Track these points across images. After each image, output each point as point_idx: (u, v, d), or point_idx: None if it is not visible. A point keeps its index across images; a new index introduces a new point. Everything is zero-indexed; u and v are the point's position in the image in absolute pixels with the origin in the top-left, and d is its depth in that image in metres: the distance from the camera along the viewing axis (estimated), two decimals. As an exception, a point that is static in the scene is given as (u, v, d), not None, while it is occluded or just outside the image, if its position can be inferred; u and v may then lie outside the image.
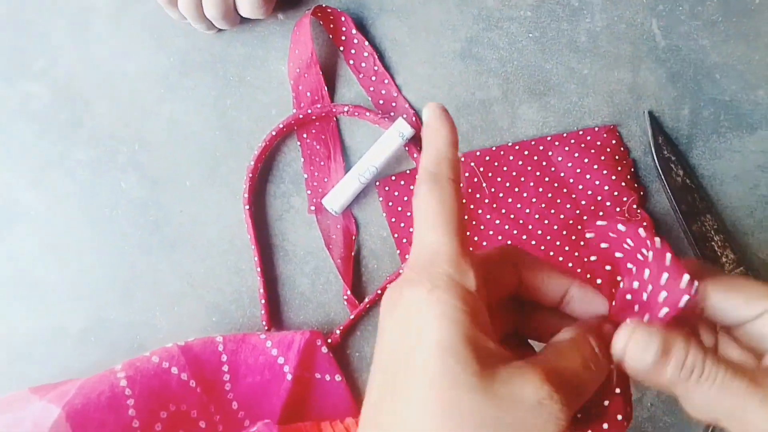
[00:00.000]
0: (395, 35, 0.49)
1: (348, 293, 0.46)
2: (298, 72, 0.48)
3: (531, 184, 0.47)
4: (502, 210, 0.47)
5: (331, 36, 0.49)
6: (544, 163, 0.47)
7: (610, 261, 0.28)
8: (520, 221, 0.47)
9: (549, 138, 0.48)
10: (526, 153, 0.48)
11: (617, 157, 0.47)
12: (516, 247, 0.29)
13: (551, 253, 0.46)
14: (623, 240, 0.27)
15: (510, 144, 0.48)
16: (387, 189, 0.47)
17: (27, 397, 0.41)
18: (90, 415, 0.38)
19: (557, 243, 0.46)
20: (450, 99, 0.48)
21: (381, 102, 0.48)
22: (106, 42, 0.49)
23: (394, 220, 0.47)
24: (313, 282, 0.47)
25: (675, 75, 0.48)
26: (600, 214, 0.46)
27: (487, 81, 0.49)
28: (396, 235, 0.47)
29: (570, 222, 0.47)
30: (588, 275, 0.29)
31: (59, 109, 0.48)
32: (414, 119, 0.48)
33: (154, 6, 0.47)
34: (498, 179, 0.47)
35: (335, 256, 0.47)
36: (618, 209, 0.46)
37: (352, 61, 0.49)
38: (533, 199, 0.47)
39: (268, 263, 0.47)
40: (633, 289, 0.27)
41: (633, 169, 0.47)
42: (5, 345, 0.46)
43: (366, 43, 0.48)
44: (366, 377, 0.46)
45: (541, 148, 0.48)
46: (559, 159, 0.47)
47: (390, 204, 0.47)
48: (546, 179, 0.47)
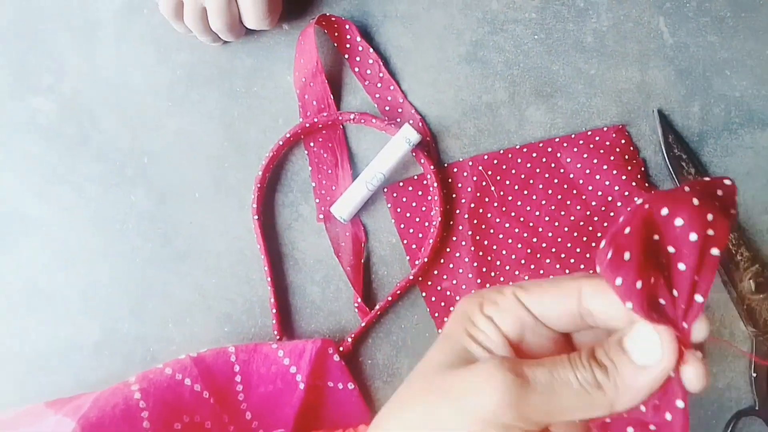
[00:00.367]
0: (400, 41, 0.49)
1: (358, 301, 0.46)
2: (303, 81, 0.48)
3: (540, 186, 0.47)
4: (511, 213, 0.47)
5: (336, 44, 0.49)
6: (552, 165, 0.47)
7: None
8: (530, 224, 0.47)
9: (557, 139, 0.47)
10: (534, 155, 0.47)
11: (627, 157, 0.47)
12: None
13: (562, 256, 0.46)
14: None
15: (518, 146, 0.47)
16: (395, 195, 0.47)
17: (42, 412, 0.41)
18: (105, 428, 0.38)
19: (568, 245, 0.46)
20: (456, 103, 0.48)
21: (387, 108, 0.48)
22: (112, 56, 0.49)
23: (402, 226, 0.47)
24: (324, 290, 0.47)
25: (684, 72, 0.48)
26: (611, 215, 0.46)
27: (494, 84, 0.48)
28: (405, 242, 0.47)
29: (580, 224, 0.46)
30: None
31: (66, 124, 0.49)
32: (420, 125, 0.48)
33: (159, 20, 0.48)
34: (507, 182, 0.47)
35: (345, 263, 0.47)
36: (629, 209, 0.46)
37: (357, 69, 0.48)
38: (543, 202, 0.47)
39: (278, 272, 0.47)
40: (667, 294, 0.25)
41: (643, 169, 0.47)
42: (20, 358, 0.47)
43: (371, 50, 0.48)
44: (378, 384, 0.46)
45: (550, 149, 0.47)
46: (568, 160, 0.47)
47: (398, 210, 0.47)
48: (555, 181, 0.47)
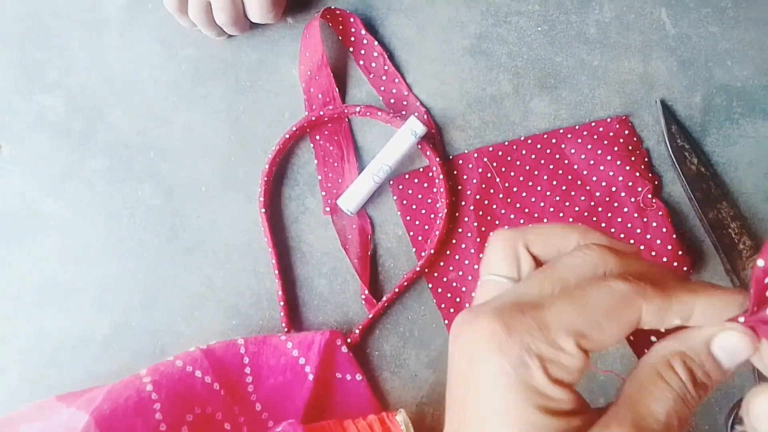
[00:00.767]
0: (404, 34, 0.49)
1: (366, 293, 0.46)
2: (309, 74, 0.48)
3: (545, 177, 0.47)
4: (516, 205, 0.47)
5: (341, 37, 0.49)
6: (557, 156, 0.47)
7: None
8: (534, 215, 0.47)
9: (561, 131, 0.48)
10: (538, 147, 0.48)
11: (630, 148, 0.47)
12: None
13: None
14: None
15: (522, 138, 0.48)
16: (401, 187, 0.48)
17: (54, 406, 0.41)
18: (118, 420, 0.39)
19: (573, 235, 0.46)
20: (461, 95, 0.48)
21: (392, 101, 0.49)
22: (118, 52, 0.50)
23: (409, 218, 0.47)
24: (331, 282, 0.47)
25: (686, 63, 0.48)
26: (615, 205, 0.46)
27: (498, 76, 0.49)
28: (411, 233, 0.47)
29: (585, 214, 0.47)
30: None
31: (74, 120, 0.49)
32: (425, 117, 0.48)
33: (164, 15, 0.48)
34: (511, 174, 0.47)
35: (352, 256, 0.47)
36: (633, 200, 0.46)
37: (362, 62, 0.49)
38: (547, 193, 0.47)
39: (285, 265, 0.47)
40: None
41: (647, 159, 0.47)
42: (33, 352, 0.47)
43: (375, 43, 0.48)
44: (386, 375, 0.46)
45: (554, 141, 0.48)
46: (572, 151, 0.47)
47: (404, 202, 0.48)
48: (559, 172, 0.47)
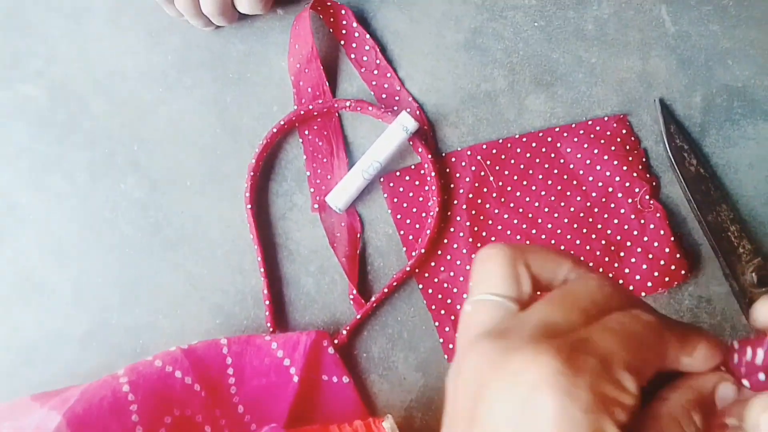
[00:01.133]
0: (397, 27, 0.48)
1: (354, 292, 0.45)
2: (298, 67, 0.47)
3: (540, 176, 0.46)
4: (510, 204, 0.46)
5: (332, 30, 0.48)
6: (552, 155, 0.46)
7: None
8: (529, 215, 0.46)
9: (557, 129, 0.46)
10: (533, 145, 0.46)
11: (628, 147, 0.46)
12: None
13: (562, 248, 0.45)
14: None
15: (517, 136, 0.47)
16: (391, 185, 0.46)
17: (28, 405, 0.40)
18: (92, 422, 0.37)
19: (568, 236, 0.45)
20: (455, 91, 0.47)
21: (384, 96, 0.47)
22: (102, 41, 0.48)
23: (399, 216, 0.46)
24: (318, 281, 0.46)
25: (686, 62, 0.47)
26: (611, 206, 0.45)
27: (493, 72, 0.47)
28: (402, 232, 0.46)
29: (581, 215, 0.45)
30: None
31: (56, 110, 0.48)
32: (418, 113, 0.47)
33: (150, 4, 0.47)
34: (506, 172, 0.46)
35: (340, 254, 0.46)
36: (630, 200, 0.45)
37: (353, 55, 0.47)
38: (542, 192, 0.46)
39: (271, 263, 0.46)
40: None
41: (645, 159, 0.46)
42: (8, 349, 0.45)
43: (367, 36, 0.47)
44: (373, 378, 0.45)
45: (549, 139, 0.46)
46: (568, 150, 0.46)
47: (395, 200, 0.46)
48: (555, 171, 0.46)
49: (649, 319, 0.22)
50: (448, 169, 0.46)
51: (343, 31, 0.47)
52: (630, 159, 0.46)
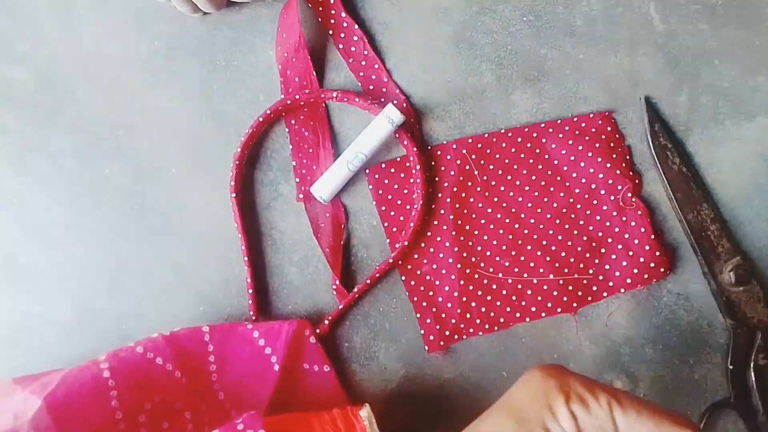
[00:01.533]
0: (386, 18, 0.48)
1: (337, 283, 0.45)
2: (286, 56, 0.47)
3: (524, 172, 0.46)
4: (494, 198, 0.46)
5: (320, 19, 0.47)
6: (537, 151, 0.46)
7: None
8: (512, 210, 0.46)
9: (543, 125, 0.47)
10: (519, 140, 0.46)
11: (612, 145, 0.46)
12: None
13: (544, 243, 0.45)
14: None
15: (503, 131, 0.47)
16: (377, 177, 0.46)
17: (9, 388, 0.40)
18: (72, 407, 0.37)
19: (550, 232, 0.46)
20: (442, 84, 0.47)
21: (371, 87, 0.47)
22: (89, 26, 0.48)
23: (384, 208, 0.46)
24: (302, 271, 0.46)
25: (673, 60, 0.47)
26: (594, 202, 0.46)
27: (480, 66, 0.47)
28: (386, 224, 0.46)
29: (563, 210, 0.46)
30: None
31: (41, 95, 0.47)
32: (404, 105, 0.47)
33: (138, -12, 0.46)
34: (491, 167, 0.46)
35: (324, 245, 0.46)
36: (612, 197, 0.45)
37: (341, 45, 0.47)
38: (526, 188, 0.46)
39: (255, 252, 0.46)
40: None
41: (628, 157, 0.46)
42: (-10, 334, 0.46)
43: (356, 27, 0.47)
44: (355, 367, 0.45)
45: (535, 135, 0.46)
46: (553, 146, 0.46)
47: (380, 192, 0.46)
48: (539, 167, 0.46)
49: None
50: (433, 162, 0.47)
51: (332, 21, 0.47)
52: (614, 156, 0.46)
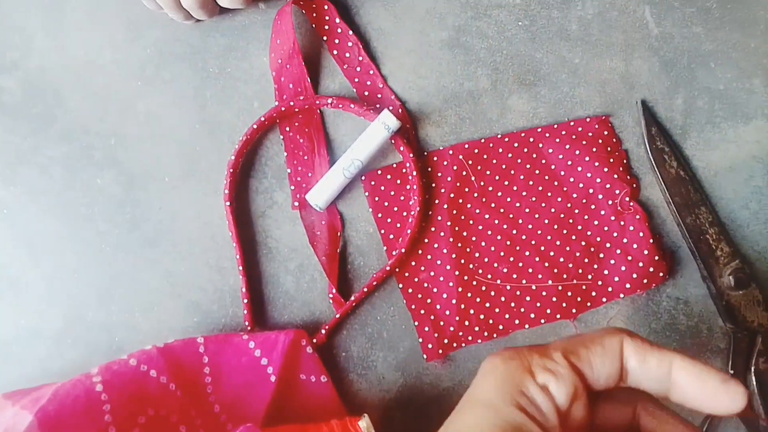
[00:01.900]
0: (380, 24, 0.47)
1: (333, 291, 0.45)
2: (280, 63, 0.46)
3: (521, 177, 0.46)
4: (491, 204, 0.46)
5: (314, 25, 0.47)
6: (534, 156, 0.46)
7: None
8: (510, 215, 0.46)
9: (539, 129, 0.46)
10: (516, 145, 0.46)
11: (609, 149, 0.46)
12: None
13: (542, 248, 0.45)
14: None
15: (499, 136, 0.46)
16: (373, 183, 0.46)
17: (0, 403, 0.39)
18: (64, 422, 0.37)
19: (548, 237, 0.45)
20: (437, 90, 0.47)
21: (366, 93, 0.47)
22: (80, 33, 0.47)
23: (380, 215, 0.46)
24: (298, 280, 0.46)
25: (668, 63, 0.47)
26: (592, 207, 0.45)
27: (476, 71, 0.47)
28: (382, 231, 0.46)
29: (561, 215, 0.45)
30: None
31: (31, 103, 0.47)
32: (400, 111, 0.46)
33: (129, -5, 0.46)
34: (487, 172, 0.46)
35: (320, 253, 0.45)
36: (610, 202, 0.45)
37: (335, 51, 0.47)
38: (523, 193, 0.46)
39: (250, 261, 0.46)
40: None
41: (626, 161, 0.46)
42: (-20, 348, 0.45)
43: (350, 33, 0.46)
44: (352, 377, 0.44)
45: (532, 139, 0.46)
46: (550, 151, 0.46)
47: (376, 199, 0.46)
48: (536, 172, 0.46)
49: (610, 329, 0.29)
50: (429, 168, 0.46)
51: (326, 27, 0.47)
52: (611, 160, 0.46)
